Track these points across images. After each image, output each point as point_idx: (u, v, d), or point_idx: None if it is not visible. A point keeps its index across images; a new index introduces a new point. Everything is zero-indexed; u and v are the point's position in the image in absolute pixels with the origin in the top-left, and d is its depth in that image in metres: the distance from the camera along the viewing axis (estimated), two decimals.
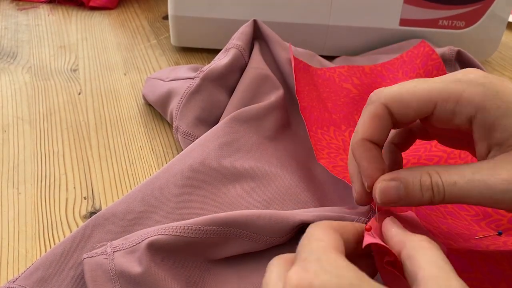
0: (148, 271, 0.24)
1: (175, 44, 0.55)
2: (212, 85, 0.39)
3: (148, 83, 0.45)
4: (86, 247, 0.27)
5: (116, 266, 0.25)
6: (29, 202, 0.34)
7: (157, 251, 0.25)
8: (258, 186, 0.33)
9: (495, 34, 0.53)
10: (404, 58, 0.44)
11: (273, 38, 0.43)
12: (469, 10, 0.51)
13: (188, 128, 0.38)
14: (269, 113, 0.38)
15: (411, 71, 0.42)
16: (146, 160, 0.39)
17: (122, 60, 0.54)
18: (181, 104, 0.38)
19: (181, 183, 0.31)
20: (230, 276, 0.27)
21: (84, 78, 0.50)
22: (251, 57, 0.41)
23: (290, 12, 0.51)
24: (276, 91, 0.40)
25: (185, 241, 0.25)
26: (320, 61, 0.47)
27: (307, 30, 0.53)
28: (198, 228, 0.26)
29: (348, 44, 0.54)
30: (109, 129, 0.42)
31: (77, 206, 0.34)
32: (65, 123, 0.43)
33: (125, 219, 0.29)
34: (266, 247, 0.28)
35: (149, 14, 0.67)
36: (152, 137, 0.42)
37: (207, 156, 0.33)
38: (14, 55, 0.54)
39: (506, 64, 0.58)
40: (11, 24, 0.61)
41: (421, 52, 0.43)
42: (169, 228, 0.26)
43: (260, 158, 0.35)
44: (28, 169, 0.37)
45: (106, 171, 0.37)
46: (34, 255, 0.30)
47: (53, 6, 0.67)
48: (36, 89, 0.48)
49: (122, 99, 0.47)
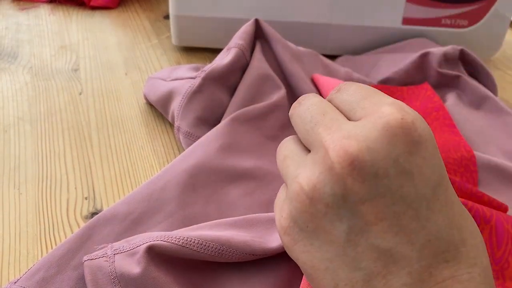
0: (148, 273, 0.24)
1: (176, 43, 0.55)
2: (213, 85, 0.39)
3: (149, 82, 0.45)
4: (88, 248, 0.27)
5: (117, 268, 0.24)
6: (30, 203, 0.34)
7: (157, 254, 0.25)
8: (259, 186, 0.33)
9: (499, 33, 0.53)
10: (404, 94, 0.44)
11: (275, 37, 0.42)
12: (472, 8, 0.51)
13: (189, 128, 0.38)
14: (271, 113, 0.38)
15: None
16: (147, 160, 0.39)
17: (123, 60, 0.54)
18: (182, 104, 0.38)
19: (183, 184, 0.31)
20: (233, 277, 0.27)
21: (85, 78, 0.50)
22: (252, 56, 0.41)
23: (292, 11, 0.51)
24: (278, 90, 0.40)
25: (186, 252, 0.25)
26: (322, 60, 0.47)
27: (309, 29, 0.52)
28: (201, 243, 0.25)
29: (351, 43, 0.53)
30: (110, 129, 0.42)
31: (78, 206, 0.34)
32: (66, 123, 0.43)
33: (126, 220, 0.29)
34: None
35: (150, 13, 0.67)
36: (153, 137, 0.41)
37: (208, 156, 0.33)
38: (14, 55, 0.54)
39: (509, 63, 0.57)
40: (12, 24, 0.61)
41: (422, 94, 0.43)
42: (172, 237, 0.25)
43: (262, 158, 0.35)
44: (29, 169, 0.37)
45: (107, 171, 0.37)
46: (36, 255, 0.30)
47: (54, 6, 0.67)
48: (37, 89, 0.48)
49: (123, 99, 0.46)
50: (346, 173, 0.18)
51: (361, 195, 0.18)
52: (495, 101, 0.44)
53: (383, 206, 0.18)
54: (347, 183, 0.18)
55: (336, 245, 0.18)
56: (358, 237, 0.18)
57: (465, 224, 0.19)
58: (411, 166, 0.18)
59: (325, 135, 0.19)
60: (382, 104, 0.19)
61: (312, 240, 0.19)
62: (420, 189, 0.18)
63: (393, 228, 0.18)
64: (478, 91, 0.44)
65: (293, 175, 0.20)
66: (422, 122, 0.19)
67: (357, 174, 0.18)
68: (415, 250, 0.18)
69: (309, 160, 0.20)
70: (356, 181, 0.18)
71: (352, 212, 0.18)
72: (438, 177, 0.18)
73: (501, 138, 0.40)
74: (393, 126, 0.18)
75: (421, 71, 0.46)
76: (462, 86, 0.46)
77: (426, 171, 0.18)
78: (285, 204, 0.21)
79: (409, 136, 0.18)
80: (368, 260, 0.18)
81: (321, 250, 0.19)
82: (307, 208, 0.19)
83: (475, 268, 0.18)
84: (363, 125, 0.19)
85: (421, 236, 0.18)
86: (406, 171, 0.18)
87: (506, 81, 0.53)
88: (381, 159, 0.18)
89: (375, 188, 0.18)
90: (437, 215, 0.18)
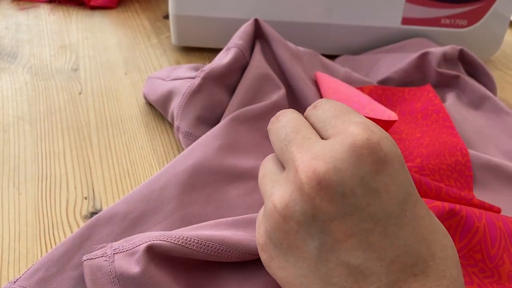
0: (148, 273, 0.24)
1: (176, 43, 0.55)
2: (213, 85, 0.39)
3: (148, 82, 0.45)
4: (87, 247, 0.27)
5: (116, 268, 0.24)
6: (29, 202, 0.34)
7: (157, 254, 0.25)
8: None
9: (498, 33, 0.53)
10: (406, 95, 0.44)
11: (275, 37, 0.42)
12: (472, 8, 0.51)
13: (189, 128, 0.38)
14: (270, 113, 0.38)
15: (409, 113, 0.42)
16: (147, 160, 0.39)
17: (123, 60, 0.54)
18: (182, 103, 0.38)
19: (182, 183, 0.31)
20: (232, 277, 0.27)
21: (84, 77, 0.50)
22: (252, 56, 0.41)
23: (291, 11, 0.51)
24: (278, 90, 0.40)
25: (186, 252, 0.25)
26: (322, 60, 0.47)
27: (309, 29, 0.52)
28: (200, 242, 0.25)
29: (350, 43, 0.53)
30: (109, 129, 0.42)
31: (77, 206, 0.34)
32: (66, 123, 0.43)
33: (126, 220, 0.29)
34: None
35: (150, 13, 0.67)
36: (153, 137, 0.41)
37: (208, 156, 0.33)
38: (14, 55, 0.54)
39: (509, 62, 0.57)
40: (12, 24, 0.61)
41: (424, 96, 0.43)
42: (172, 236, 0.25)
43: (261, 157, 0.35)
44: (29, 169, 0.37)
45: (107, 171, 0.37)
46: (35, 255, 0.30)
47: (54, 5, 0.67)
48: (37, 89, 0.48)
49: (123, 99, 0.47)
50: (314, 193, 0.18)
51: (329, 213, 0.18)
52: (495, 101, 0.44)
53: (351, 224, 0.18)
54: (316, 203, 0.19)
55: (309, 262, 0.19)
56: (329, 254, 0.19)
57: (434, 237, 0.19)
58: (377, 184, 0.18)
59: (296, 153, 0.20)
60: (350, 124, 0.20)
61: (287, 257, 0.20)
62: (387, 207, 0.18)
63: (362, 245, 0.18)
64: (478, 91, 0.45)
65: (269, 193, 0.21)
66: (389, 141, 0.19)
67: (324, 194, 0.18)
68: (384, 266, 0.18)
69: (283, 179, 0.21)
70: (324, 201, 0.18)
71: (322, 230, 0.19)
72: (405, 194, 0.19)
73: (500, 138, 0.40)
74: (359, 146, 0.19)
75: (421, 71, 0.46)
76: (461, 86, 0.46)
77: (392, 189, 0.19)
78: (262, 222, 0.21)
79: (374, 155, 0.18)
80: (340, 276, 0.18)
81: (296, 266, 0.20)
82: (281, 226, 0.20)
83: (443, 281, 0.18)
84: (331, 145, 0.19)
85: (390, 252, 0.18)
86: (373, 189, 0.18)
87: (506, 81, 0.53)
88: (347, 179, 0.18)
89: (342, 207, 0.18)
90: (405, 231, 0.18)
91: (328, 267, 0.19)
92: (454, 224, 0.27)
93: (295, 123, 0.22)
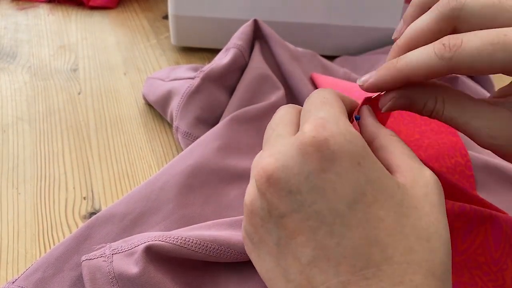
0: (146, 273, 0.24)
1: (175, 43, 0.55)
2: (212, 85, 0.39)
3: (148, 83, 0.45)
4: (86, 247, 0.27)
5: (115, 268, 0.24)
6: (28, 202, 0.34)
7: (156, 254, 0.25)
8: None
9: None
10: None
11: (274, 38, 0.42)
12: None
13: (188, 128, 0.38)
14: (269, 113, 0.38)
15: (407, 113, 0.41)
16: (146, 160, 0.39)
17: (122, 60, 0.54)
18: (181, 104, 0.38)
19: (181, 184, 0.31)
20: (231, 277, 0.27)
21: (84, 78, 0.50)
22: (251, 57, 0.41)
23: (290, 11, 0.51)
24: (277, 91, 0.40)
25: (185, 252, 0.25)
26: (321, 61, 0.47)
27: (308, 29, 0.52)
28: (199, 243, 0.25)
29: (349, 44, 0.53)
30: (109, 129, 0.42)
31: (76, 206, 0.34)
32: (65, 123, 0.43)
33: (125, 220, 0.29)
34: None
35: (149, 13, 0.67)
36: (152, 137, 0.41)
37: (207, 157, 0.33)
38: (13, 55, 0.54)
39: None
40: (11, 24, 0.61)
41: None
42: (171, 237, 0.25)
43: None
44: (28, 169, 0.37)
45: (106, 171, 0.37)
46: (34, 255, 0.30)
47: (53, 5, 0.67)
48: (36, 89, 0.48)
49: (122, 99, 0.47)
50: (264, 190, 0.19)
51: (280, 210, 0.19)
52: None
53: (299, 221, 0.18)
54: (268, 199, 0.19)
55: (273, 257, 0.20)
56: (286, 249, 0.19)
57: (395, 240, 0.18)
58: (323, 182, 0.18)
59: (263, 150, 0.21)
60: (307, 120, 0.20)
61: (259, 252, 0.20)
62: (333, 205, 0.18)
63: (310, 243, 0.18)
64: (476, 92, 0.45)
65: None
66: (340, 139, 0.19)
67: (273, 191, 0.19)
68: (331, 266, 0.18)
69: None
70: (273, 197, 0.19)
71: (277, 226, 0.19)
72: (355, 194, 0.18)
73: None
74: (305, 144, 0.19)
75: None
76: (460, 86, 0.46)
77: (339, 187, 0.18)
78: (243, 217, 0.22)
79: (319, 153, 0.18)
80: (296, 273, 0.19)
81: (265, 260, 0.20)
82: (251, 221, 0.20)
83: (399, 287, 0.17)
84: (288, 143, 0.19)
85: (337, 252, 0.18)
86: (318, 187, 0.18)
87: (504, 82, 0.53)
88: (293, 176, 0.18)
89: (290, 203, 0.19)
90: (354, 232, 0.18)
91: (286, 263, 0.19)
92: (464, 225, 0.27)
93: (280, 118, 0.22)
